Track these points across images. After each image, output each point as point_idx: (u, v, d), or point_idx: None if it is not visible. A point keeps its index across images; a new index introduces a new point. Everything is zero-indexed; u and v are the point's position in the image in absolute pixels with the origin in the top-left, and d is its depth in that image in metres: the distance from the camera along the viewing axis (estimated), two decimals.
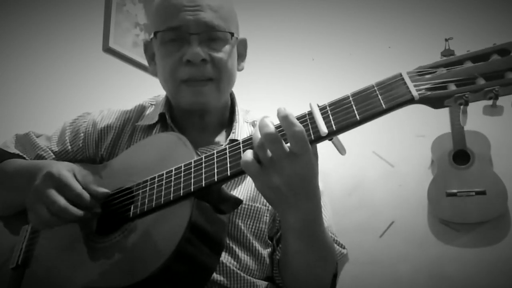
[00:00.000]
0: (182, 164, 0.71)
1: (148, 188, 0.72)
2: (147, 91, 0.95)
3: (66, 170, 0.74)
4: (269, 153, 0.60)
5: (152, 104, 1.01)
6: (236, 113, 0.96)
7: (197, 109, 0.89)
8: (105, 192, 0.74)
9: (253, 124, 0.99)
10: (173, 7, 0.85)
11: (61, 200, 0.70)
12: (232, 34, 0.89)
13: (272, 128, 0.59)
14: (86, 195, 0.72)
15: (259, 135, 0.61)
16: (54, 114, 1.62)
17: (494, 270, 2.08)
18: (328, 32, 2.73)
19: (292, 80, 2.62)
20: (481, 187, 2.09)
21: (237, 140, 0.90)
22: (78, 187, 0.71)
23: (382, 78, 0.63)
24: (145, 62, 2.34)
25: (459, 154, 2.17)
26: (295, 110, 0.67)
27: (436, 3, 2.48)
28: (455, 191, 2.12)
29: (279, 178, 0.61)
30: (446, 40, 2.32)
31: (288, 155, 0.60)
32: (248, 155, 0.61)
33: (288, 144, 0.60)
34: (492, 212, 2.08)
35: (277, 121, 0.63)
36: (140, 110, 1.00)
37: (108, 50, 2.06)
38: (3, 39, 1.67)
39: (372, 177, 2.40)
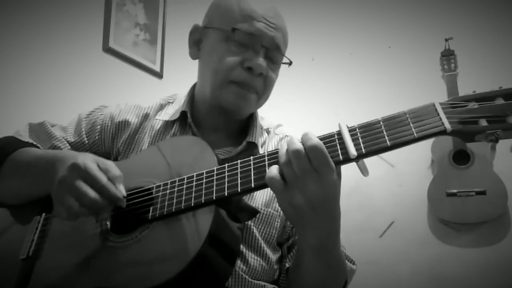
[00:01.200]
0: (204, 171, 0.71)
1: (168, 191, 0.72)
2: (147, 91, 0.95)
3: (91, 161, 0.73)
4: (294, 170, 0.61)
5: (170, 102, 1.02)
6: (255, 117, 0.98)
7: (232, 111, 0.90)
8: (123, 195, 0.72)
9: (267, 131, 1.00)
10: (254, 13, 0.87)
11: (91, 192, 0.69)
12: (289, 63, 0.95)
13: (299, 145, 0.61)
14: (112, 187, 0.70)
15: (285, 152, 0.62)
16: (55, 114, 1.62)
17: (494, 270, 2.08)
18: (328, 32, 2.73)
19: (292, 80, 2.62)
20: (481, 187, 2.09)
21: (254, 143, 0.92)
22: (104, 179, 0.70)
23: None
24: (145, 62, 2.34)
25: (459, 154, 2.17)
26: (295, 110, 0.67)
27: (436, 3, 2.48)
28: (455, 191, 2.12)
29: (302, 197, 0.61)
30: (446, 40, 2.32)
31: (312, 173, 0.60)
32: (274, 170, 0.62)
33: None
34: (492, 212, 2.08)
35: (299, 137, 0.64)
36: (158, 108, 1.00)
37: (108, 50, 2.06)
38: (3, 39, 1.67)
39: (372, 177, 2.40)
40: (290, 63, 0.95)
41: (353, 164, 0.66)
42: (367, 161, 0.64)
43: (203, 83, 0.94)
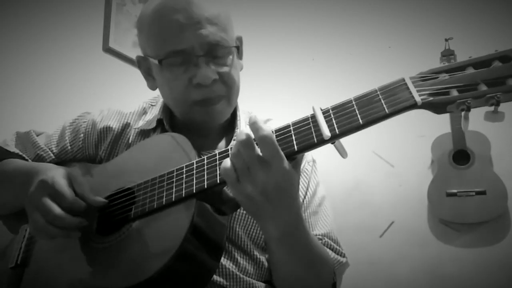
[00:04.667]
0: (184, 165, 0.71)
1: (149, 189, 0.72)
2: (147, 91, 0.95)
3: (61, 177, 0.73)
4: (243, 160, 0.61)
5: (152, 105, 1.00)
6: (238, 117, 0.95)
7: (210, 126, 0.89)
8: (102, 201, 0.74)
9: None
10: (171, 27, 0.80)
11: (56, 209, 0.69)
12: (236, 48, 0.87)
13: (245, 135, 0.60)
14: (80, 203, 0.71)
15: (235, 147, 0.62)
16: (54, 114, 1.62)
17: (494, 270, 2.08)
18: (328, 32, 2.73)
19: (292, 80, 2.62)
20: (481, 187, 2.08)
21: None
22: (71, 196, 0.71)
23: (383, 81, 0.63)
24: None
25: (459, 154, 2.17)
26: (295, 110, 0.67)
27: (436, 3, 2.48)
28: (455, 191, 2.12)
29: (253, 187, 0.61)
30: (446, 40, 2.32)
31: (261, 162, 0.60)
32: (227, 162, 0.62)
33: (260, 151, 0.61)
34: (492, 212, 2.08)
35: (276, 126, 0.64)
36: (141, 113, 0.99)
37: (108, 50, 2.06)
38: (3, 39, 1.67)
39: (372, 177, 2.39)
40: (237, 48, 0.87)
41: (354, 163, 0.66)
42: (368, 159, 0.64)
43: (174, 111, 0.91)
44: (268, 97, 2.60)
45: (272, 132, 0.65)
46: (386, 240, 2.32)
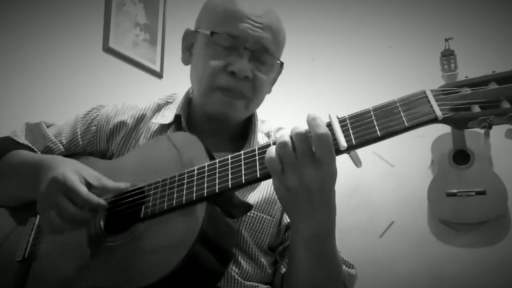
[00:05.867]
0: (195, 168, 0.70)
1: (160, 190, 0.72)
2: (147, 91, 0.95)
3: (72, 173, 0.73)
4: (294, 151, 0.60)
5: (168, 102, 1.00)
6: (254, 124, 0.95)
7: (220, 118, 0.88)
8: (126, 186, 0.74)
9: (267, 135, 0.97)
10: (238, 14, 0.83)
11: (71, 207, 0.69)
12: (281, 64, 0.90)
13: (303, 129, 0.60)
14: (94, 199, 0.70)
15: (285, 137, 0.60)
16: (54, 113, 1.62)
17: (494, 270, 2.08)
18: (328, 32, 2.73)
19: (292, 80, 2.62)
20: (481, 187, 2.08)
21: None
22: (84, 192, 0.70)
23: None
24: (144, 62, 2.34)
25: (459, 154, 2.17)
26: (295, 110, 0.67)
27: (436, 3, 2.48)
28: (455, 191, 2.12)
29: (298, 181, 0.60)
30: (446, 40, 2.32)
31: (313, 159, 0.59)
32: (273, 151, 0.61)
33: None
34: (492, 212, 2.08)
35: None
36: (155, 109, 0.98)
37: (108, 50, 2.06)
38: (3, 39, 1.67)
39: (372, 177, 2.39)
40: (281, 64, 0.91)
41: (352, 163, 0.65)
42: (368, 159, 0.63)
43: (194, 89, 0.92)
44: (268, 97, 2.59)
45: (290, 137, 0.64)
46: (386, 240, 2.32)
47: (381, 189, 2.38)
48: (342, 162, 0.70)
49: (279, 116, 1.79)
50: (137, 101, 1.02)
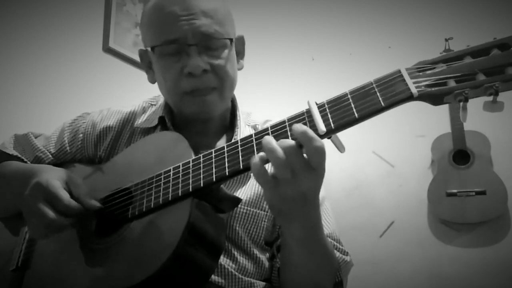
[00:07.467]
0: (180, 164, 0.70)
1: (146, 189, 0.72)
2: (147, 91, 0.95)
3: (55, 179, 0.73)
4: (291, 168, 0.58)
5: (152, 104, 1.00)
6: (237, 117, 0.95)
7: (201, 118, 0.89)
8: (96, 205, 0.73)
9: (254, 127, 0.97)
10: (167, 18, 0.83)
11: (49, 213, 0.69)
12: (230, 40, 0.87)
13: (292, 142, 0.58)
14: (74, 205, 0.71)
15: (272, 144, 0.58)
16: (54, 113, 1.62)
17: (494, 270, 2.08)
18: (328, 32, 2.73)
19: (292, 80, 2.62)
20: (481, 187, 2.09)
21: None
22: (66, 198, 0.71)
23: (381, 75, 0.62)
24: None
25: (459, 154, 2.17)
26: (295, 110, 0.67)
27: (436, 3, 2.48)
28: (455, 191, 2.12)
29: (295, 191, 0.60)
30: (446, 40, 2.31)
31: (309, 168, 0.59)
32: (261, 167, 0.59)
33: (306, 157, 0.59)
34: (492, 212, 2.08)
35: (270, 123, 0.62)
36: (140, 112, 0.99)
37: (108, 50, 2.06)
38: (3, 39, 1.67)
39: (372, 177, 2.40)
40: (230, 40, 0.87)
41: (354, 163, 0.65)
42: (368, 159, 0.63)
43: (168, 102, 0.93)
44: (268, 97, 2.60)
45: (269, 128, 0.64)
46: (386, 240, 2.32)
47: (381, 189, 2.38)
48: (343, 162, 0.70)
49: (279, 116, 1.78)
50: (137, 101, 1.02)
